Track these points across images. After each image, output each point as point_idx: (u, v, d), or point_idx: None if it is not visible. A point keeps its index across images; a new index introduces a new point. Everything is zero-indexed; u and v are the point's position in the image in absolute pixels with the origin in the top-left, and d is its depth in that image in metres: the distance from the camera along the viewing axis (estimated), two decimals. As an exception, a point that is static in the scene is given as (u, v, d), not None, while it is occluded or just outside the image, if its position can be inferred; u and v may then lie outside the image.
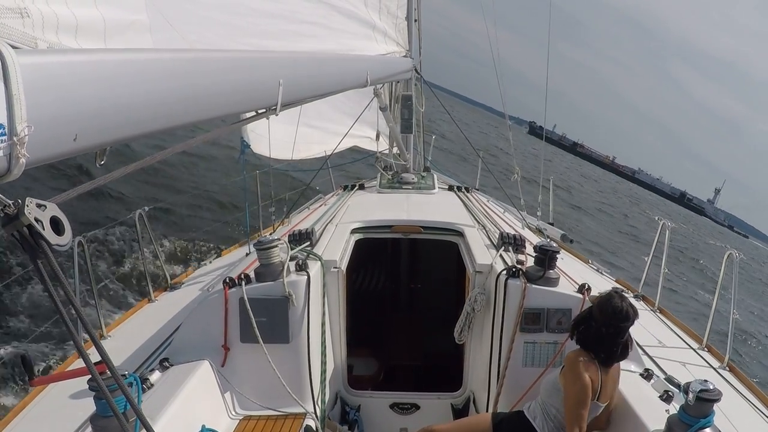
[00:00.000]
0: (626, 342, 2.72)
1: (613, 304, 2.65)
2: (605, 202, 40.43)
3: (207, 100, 1.46)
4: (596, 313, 2.70)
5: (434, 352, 4.84)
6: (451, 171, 10.20)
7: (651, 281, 4.77)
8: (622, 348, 2.70)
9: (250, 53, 1.99)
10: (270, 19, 3.23)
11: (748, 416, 2.95)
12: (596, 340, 2.69)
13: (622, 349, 2.70)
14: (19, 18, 1.10)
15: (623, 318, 2.64)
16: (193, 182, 12.78)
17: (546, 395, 2.85)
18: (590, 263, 5.50)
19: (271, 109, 1.90)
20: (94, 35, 1.40)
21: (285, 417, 3.11)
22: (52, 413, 2.65)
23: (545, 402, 2.84)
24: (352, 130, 5.96)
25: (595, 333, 2.69)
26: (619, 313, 2.63)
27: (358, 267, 5.05)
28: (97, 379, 1.14)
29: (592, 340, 2.70)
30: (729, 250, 3.75)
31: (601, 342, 2.68)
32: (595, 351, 2.69)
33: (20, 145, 0.87)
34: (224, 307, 3.06)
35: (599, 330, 2.67)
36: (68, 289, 1.02)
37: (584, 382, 2.60)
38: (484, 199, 6.16)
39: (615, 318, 2.64)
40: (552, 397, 2.80)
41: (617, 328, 2.65)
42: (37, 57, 0.97)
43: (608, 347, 2.68)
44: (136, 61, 1.19)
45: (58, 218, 0.99)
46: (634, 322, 2.69)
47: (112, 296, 6.98)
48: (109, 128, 1.09)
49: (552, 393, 2.80)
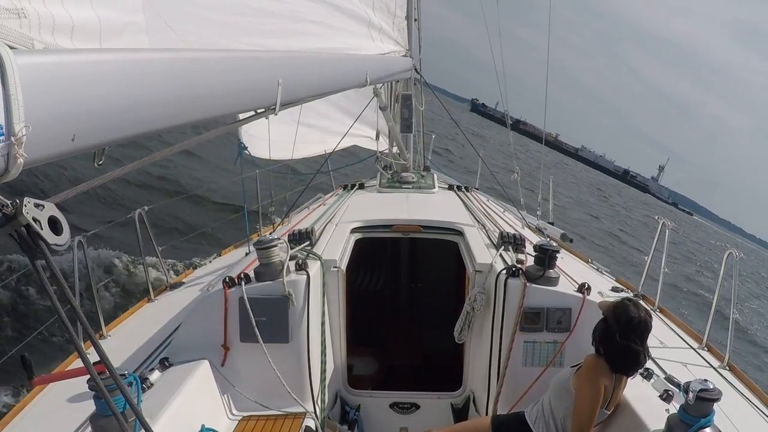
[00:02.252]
0: (645, 351, 2.62)
1: (630, 316, 2.55)
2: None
3: (205, 100, 1.46)
4: (612, 324, 2.59)
5: (434, 352, 4.84)
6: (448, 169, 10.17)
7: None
8: (642, 358, 2.60)
9: (248, 53, 1.99)
10: (269, 18, 3.23)
11: (748, 416, 2.94)
12: (615, 351, 2.58)
13: (641, 359, 2.61)
14: (16, 18, 1.09)
15: (643, 329, 2.55)
16: (192, 182, 12.78)
17: (554, 396, 2.79)
18: (590, 263, 5.50)
19: (270, 109, 1.90)
20: (90, 36, 1.40)
21: (285, 417, 3.11)
22: (52, 413, 2.65)
23: (552, 404, 2.79)
24: (352, 129, 5.96)
25: (614, 345, 2.57)
26: (637, 325, 2.54)
27: (358, 266, 5.05)
28: (96, 379, 1.14)
29: (611, 351, 2.60)
30: (729, 249, 3.75)
31: (621, 353, 2.57)
32: (614, 361, 2.60)
33: (18, 145, 0.87)
34: (224, 306, 3.06)
35: (617, 342, 2.56)
36: (66, 289, 1.02)
37: (600, 389, 2.57)
38: (484, 198, 6.16)
39: (635, 330, 2.54)
40: (561, 399, 2.74)
41: (639, 339, 2.56)
42: (35, 57, 0.96)
43: (630, 359, 2.58)
44: (134, 61, 1.18)
45: (56, 218, 0.99)
46: (651, 329, 2.60)
47: (112, 296, 6.99)
48: (107, 128, 1.09)
49: (561, 395, 2.74)
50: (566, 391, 2.72)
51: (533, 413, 2.88)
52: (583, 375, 2.64)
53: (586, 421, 2.58)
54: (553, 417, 2.78)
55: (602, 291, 3.97)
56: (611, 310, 2.64)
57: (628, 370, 2.65)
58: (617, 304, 2.65)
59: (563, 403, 2.73)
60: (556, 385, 2.83)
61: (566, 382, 2.74)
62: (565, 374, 2.80)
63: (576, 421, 2.61)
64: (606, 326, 2.63)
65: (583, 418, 2.58)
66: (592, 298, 3.22)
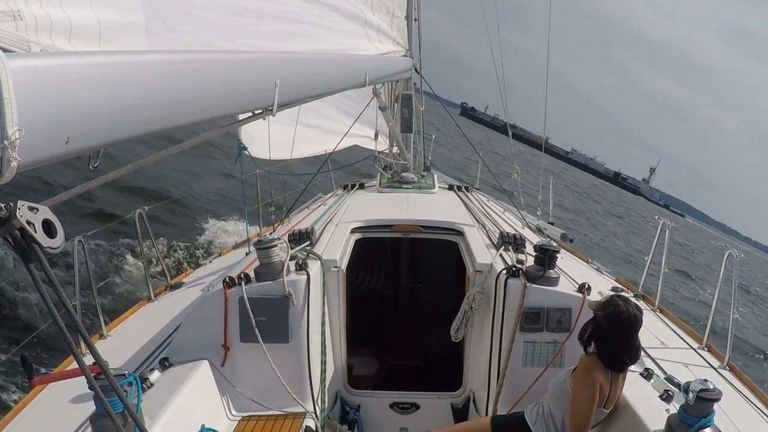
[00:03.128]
0: (638, 346, 2.64)
1: (619, 310, 2.56)
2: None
3: (201, 102, 1.46)
4: (602, 321, 2.61)
5: (434, 352, 4.84)
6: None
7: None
8: (634, 353, 2.63)
9: (245, 54, 1.99)
10: (268, 20, 3.22)
11: (748, 416, 2.94)
12: (607, 347, 2.61)
13: (633, 354, 2.63)
14: (12, 21, 1.09)
15: (632, 324, 2.57)
16: (192, 182, 12.79)
17: (552, 398, 2.79)
18: (590, 263, 5.49)
19: (267, 110, 1.90)
20: (88, 37, 1.39)
21: (285, 417, 3.11)
22: (52, 413, 2.65)
23: (550, 405, 2.80)
24: (352, 129, 5.96)
25: (606, 341, 2.60)
26: (627, 320, 2.56)
27: (358, 266, 5.05)
28: (92, 381, 1.14)
29: (603, 347, 2.62)
30: (729, 249, 3.74)
31: (613, 349, 2.60)
32: (607, 358, 2.61)
33: (11, 149, 0.87)
34: (224, 306, 3.06)
35: (609, 337, 2.59)
36: (60, 291, 1.03)
37: (595, 388, 2.57)
38: (484, 198, 6.16)
39: (624, 325, 2.56)
40: (559, 401, 2.74)
41: (629, 334, 2.58)
42: (28, 60, 0.96)
43: (620, 354, 2.61)
44: (128, 64, 1.18)
45: (50, 221, 0.99)
46: (642, 324, 2.62)
47: (112, 296, 6.99)
48: (102, 131, 1.09)
49: (559, 396, 2.74)
50: (563, 393, 2.72)
51: (533, 414, 2.88)
52: (579, 374, 2.66)
53: (582, 420, 2.58)
54: (552, 419, 2.78)
55: (602, 291, 3.97)
56: (600, 307, 2.67)
57: (621, 365, 2.66)
58: (605, 302, 2.68)
59: (561, 405, 2.73)
60: (553, 387, 2.83)
61: (563, 384, 2.75)
62: (562, 376, 2.81)
63: (573, 420, 2.61)
64: (596, 323, 2.66)
65: (580, 417, 2.59)
66: (592, 298, 3.22)
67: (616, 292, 4.43)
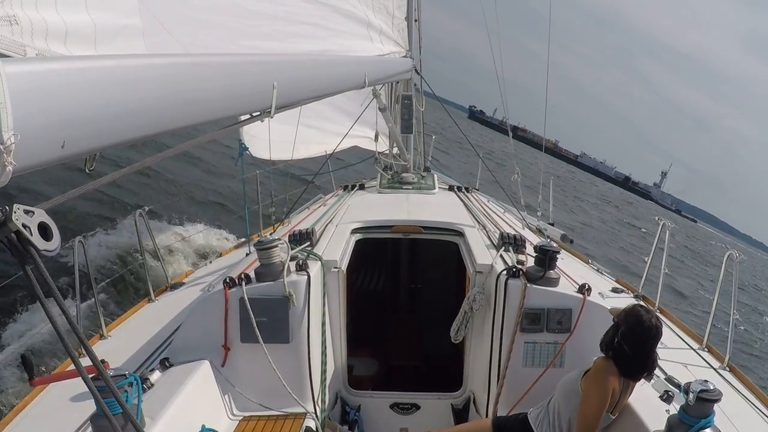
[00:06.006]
0: (654, 359, 2.65)
1: (641, 320, 2.57)
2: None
3: (197, 106, 1.46)
4: (625, 330, 2.60)
5: (434, 353, 4.84)
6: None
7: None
8: (650, 364, 2.64)
9: (241, 56, 1.99)
10: (267, 21, 3.22)
11: (749, 416, 2.93)
12: (625, 355, 2.60)
13: (650, 365, 2.65)
14: (8, 26, 1.09)
15: (653, 335, 2.58)
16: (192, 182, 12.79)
17: (562, 397, 2.78)
18: (590, 263, 5.49)
19: (265, 112, 1.90)
20: (84, 41, 1.39)
21: (285, 417, 3.11)
22: (52, 413, 2.66)
23: (559, 405, 2.78)
24: (353, 130, 5.96)
25: (625, 349, 2.59)
26: (648, 329, 2.56)
27: (359, 267, 5.05)
28: (89, 383, 1.15)
29: (622, 355, 2.60)
30: (729, 250, 3.74)
31: (630, 358, 2.59)
32: (624, 365, 2.61)
33: (6, 153, 0.87)
34: (224, 307, 3.07)
35: (628, 346, 2.58)
36: (57, 294, 1.03)
37: (608, 392, 2.57)
38: (484, 199, 6.15)
39: (646, 335, 2.57)
40: (569, 400, 2.74)
41: (649, 345, 2.59)
42: (23, 65, 0.97)
43: (639, 364, 2.61)
44: (124, 67, 1.18)
45: (46, 224, 0.99)
46: (662, 335, 2.63)
47: (112, 296, 6.99)
48: (97, 135, 1.09)
49: (569, 396, 2.74)
50: (574, 393, 2.71)
51: (538, 417, 2.86)
52: (592, 376, 2.64)
53: (591, 422, 2.57)
54: (559, 418, 2.77)
55: (602, 292, 3.96)
56: (623, 316, 2.66)
57: (636, 374, 2.66)
58: (629, 311, 2.66)
59: (570, 405, 2.73)
60: (563, 386, 2.82)
61: (574, 384, 2.74)
62: (573, 376, 2.80)
63: (581, 422, 2.60)
64: (617, 332, 2.64)
65: (589, 419, 2.58)
66: (592, 298, 3.22)
67: (617, 293, 4.43)
